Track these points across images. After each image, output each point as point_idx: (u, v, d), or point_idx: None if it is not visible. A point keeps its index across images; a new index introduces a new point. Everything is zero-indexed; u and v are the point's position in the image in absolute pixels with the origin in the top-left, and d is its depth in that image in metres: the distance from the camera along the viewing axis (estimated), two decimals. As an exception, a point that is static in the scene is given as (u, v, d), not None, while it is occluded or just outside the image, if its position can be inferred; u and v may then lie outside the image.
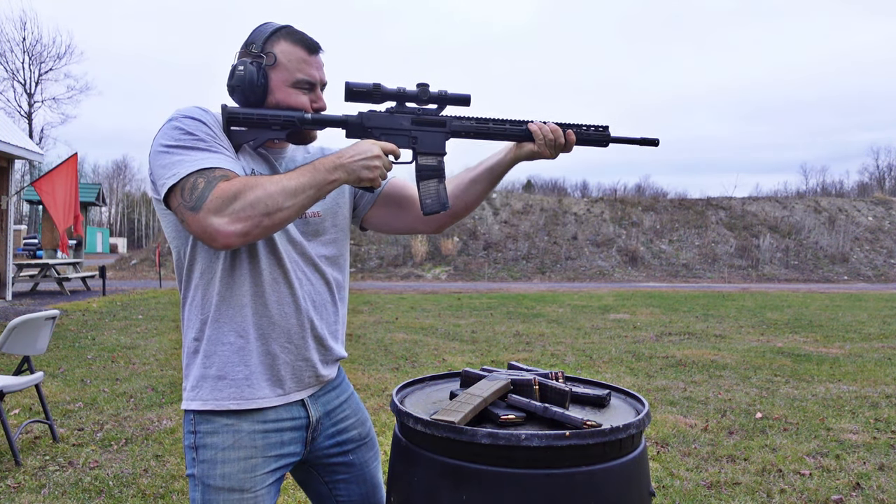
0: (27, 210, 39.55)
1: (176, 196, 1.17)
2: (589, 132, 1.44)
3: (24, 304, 11.38)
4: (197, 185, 1.15)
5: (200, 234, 1.16)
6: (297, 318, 1.34)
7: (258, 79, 1.29)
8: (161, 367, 6.03)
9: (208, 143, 1.21)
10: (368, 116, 1.35)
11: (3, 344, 3.57)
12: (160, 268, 17.32)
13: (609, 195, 26.32)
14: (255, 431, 1.30)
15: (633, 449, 1.26)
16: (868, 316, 10.59)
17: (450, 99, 1.36)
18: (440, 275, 19.56)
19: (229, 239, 1.14)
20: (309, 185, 1.20)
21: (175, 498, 3.10)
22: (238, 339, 1.29)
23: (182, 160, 1.18)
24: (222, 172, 1.17)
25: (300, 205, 1.19)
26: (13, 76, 33.94)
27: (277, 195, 1.16)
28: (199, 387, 1.29)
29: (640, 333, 8.51)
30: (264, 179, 1.18)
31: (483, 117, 1.41)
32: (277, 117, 1.29)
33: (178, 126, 1.21)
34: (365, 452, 1.51)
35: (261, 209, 1.14)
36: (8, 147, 10.95)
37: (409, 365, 6.29)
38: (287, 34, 1.32)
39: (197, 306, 1.31)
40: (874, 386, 5.50)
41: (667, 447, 3.86)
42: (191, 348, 1.32)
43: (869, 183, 51.60)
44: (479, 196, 1.52)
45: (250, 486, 1.29)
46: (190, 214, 1.15)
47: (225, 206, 1.13)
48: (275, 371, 1.32)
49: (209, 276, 1.29)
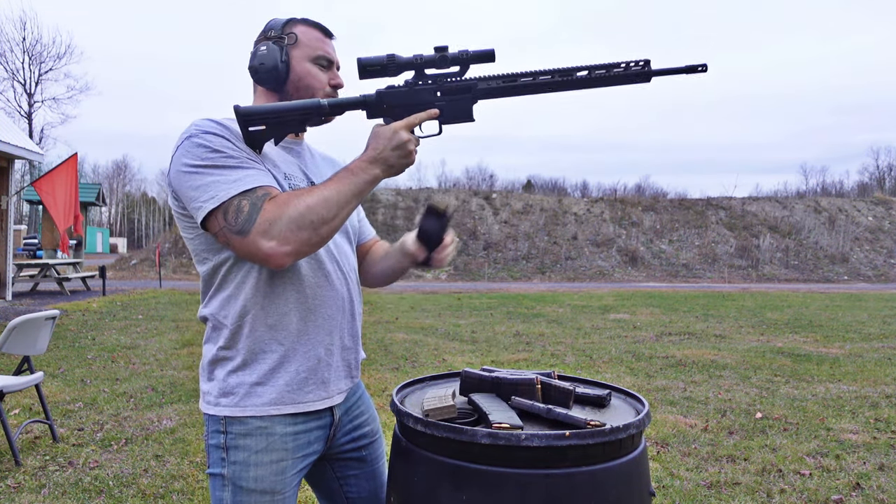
0: (27, 210, 39.56)
1: (217, 219, 1.15)
2: (629, 70, 1.22)
3: (24, 304, 11.38)
4: (242, 208, 1.14)
5: (251, 258, 1.16)
6: (338, 320, 1.34)
7: (282, 56, 1.31)
8: (161, 367, 6.03)
9: (238, 158, 1.19)
10: (387, 94, 1.25)
11: (3, 344, 3.57)
12: (160, 268, 17.32)
13: (609, 195, 26.32)
14: (286, 434, 1.29)
15: (633, 449, 1.26)
16: (868, 316, 10.59)
17: (472, 57, 1.23)
18: (440, 275, 19.56)
19: (282, 259, 1.15)
20: (350, 191, 1.19)
21: (175, 498, 3.10)
22: (280, 347, 1.27)
23: (217, 181, 1.16)
24: (264, 191, 1.16)
25: (346, 213, 1.19)
26: (13, 76, 33.97)
27: (321, 208, 1.15)
28: (234, 393, 1.26)
29: (640, 333, 8.51)
30: (306, 194, 1.16)
31: (511, 73, 1.25)
32: (294, 110, 1.25)
33: (202, 143, 1.18)
34: (376, 448, 1.52)
35: (307, 226, 1.14)
36: (8, 147, 10.95)
37: (409, 365, 6.29)
38: (303, 20, 1.37)
39: (232, 316, 1.27)
40: (874, 386, 5.50)
41: (667, 447, 3.86)
42: (217, 356, 1.29)
43: (869, 183, 51.67)
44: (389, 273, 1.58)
45: (281, 488, 1.29)
46: (237, 238, 1.14)
47: (273, 228, 1.13)
48: (318, 375, 1.31)
49: (245, 285, 1.27)
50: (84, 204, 17.74)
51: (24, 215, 39.36)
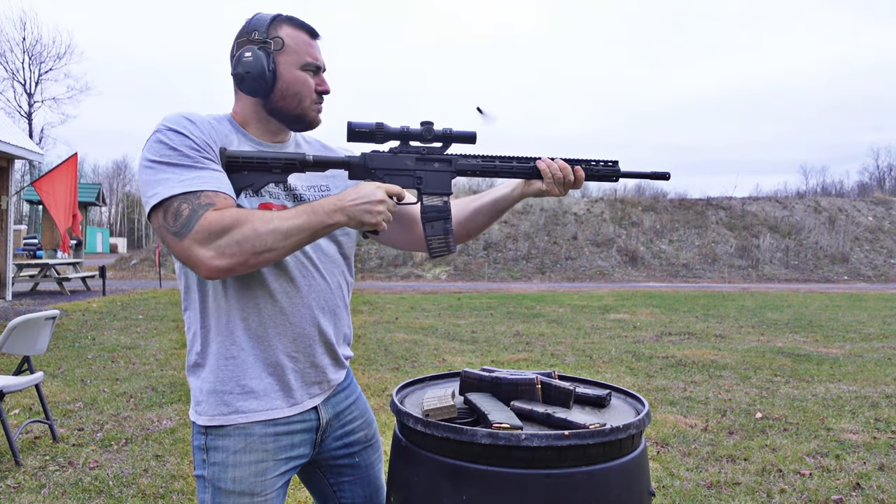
0: (27, 210, 39.56)
1: (158, 217, 1.16)
2: (598, 168, 1.41)
3: (24, 304, 11.38)
4: (181, 212, 1.13)
5: (184, 261, 1.16)
6: (305, 325, 1.32)
7: (268, 64, 1.27)
8: (161, 367, 6.03)
9: (193, 158, 1.18)
10: (372, 157, 1.32)
11: (3, 344, 3.57)
12: (160, 268, 17.32)
13: (609, 195, 26.31)
14: (266, 435, 1.29)
15: (633, 449, 1.26)
16: (868, 316, 10.59)
17: (455, 137, 1.33)
18: (440, 275, 19.56)
19: (213, 272, 1.14)
20: (304, 227, 1.18)
21: (175, 498, 3.10)
22: (241, 353, 1.27)
23: (167, 178, 1.16)
24: (208, 200, 1.15)
25: (291, 246, 1.18)
26: (13, 76, 34.00)
27: (267, 236, 1.15)
28: (205, 401, 1.28)
29: (640, 333, 8.51)
30: (256, 217, 1.16)
31: (489, 155, 1.37)
32: (278, 160, 1.26)
33: (162, 140, 1.18)
34: (370, 454, 1.50)
35: (248, 248, 1.14)
36: (8, 147, 10.95)
37: (409, 365, 6.29)
38: (288, 19, 1.31)
39: (197, 317, 1.29)
40: (874, 386, 5.50)
41: (667, 447, 3.86)
42: (191, 360, 1.31)
43: (869, 183, 51.67)
44: (481, 227, 1.51)
45: (261, 490, 1.28)
46: (173, 240, 1.14)
47: (211, 240, 1.12)
48: (284, 381, 1.30)
49: (209, 287, 1.27)
50: (84, 204, 17.74)
51: (24, 215, 39.36)
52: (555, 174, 1.37)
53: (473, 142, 1.34)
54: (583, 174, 1.39)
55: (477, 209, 1.49)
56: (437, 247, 1.37)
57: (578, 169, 1.38)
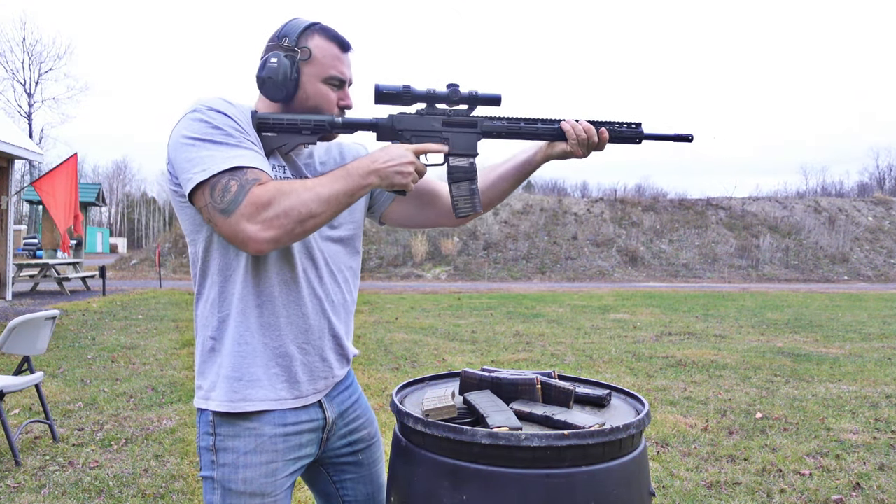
0: (27, 210, 39.54)
1: (204, 194, 1.15)
2: (622, 130, 1.41)
3: (24, 304, 11.37)
4: (229, 188, 1.13)
5: (231, 239, 1.16)
6: (315, 317, 1.33)
7: (291, 72, 1.27)
8: (161, 367, 6.03)
9: (237, 138, 1.19)
10: (399, 119, 1.34)
11: (3, 344, 3.57)
12: (160, 268, 17.32)
13: (609, 195, 26.32)
14: (276, 435, 1.28)
15: (633, 449, 1.26)
16: (868, 316, 10.59)
17: (481, 99, 1.34)
18: (440, 275, 19.56)
19: (261, 245, 1.15)
20: (343, 191, 1.19)
21: (175, 498, 3.10)
22: (254, 339, 1.27)
23: (211, 156, 1.15)
24: (254, 175, 1.16)
25: (333, 211, 1.19)
26: (13, 76, 34.02)
27: (311, 202, 1.16)
28: (216, 387, 1.27)
29: (640, 333, 8.51)
30: (298, 185, 1.17)
31: (514, 117, 1.38)
32: (308, 122, 1.27)
33: (204, 119, 1.18)
34: (373, 452, 1.51)
35: (294, 217, 1.14)
36: (8, 147, 10.94)
37: (409, 365, 6.29)
38: (321, 30, 1.31)
39: (214, 304, 1.28)
40: (874, 386, 5.50)
41: (667, 447, 3.86)
42: (207, 346, 1.30)
43: (869, 183, 51.67)
44: (505, 193, 1.51)
45: (271, 491, 1.28)
46: (220, 217, 1.14)
47: (258, 213, 1.13)
48: (291, 373, 1.30)
49: (227, 273, 1.27)
50: (84, 204, 17.73)
51: (24, 215, 39.35)
52: (579, 135, 1.37)
53: (498, 104, 1.35)
54: (607, 136, 1.40)
55: (500, 175, 1.49)
56: (464, 206, 1.38)
57: (603, 131, 1.39)
